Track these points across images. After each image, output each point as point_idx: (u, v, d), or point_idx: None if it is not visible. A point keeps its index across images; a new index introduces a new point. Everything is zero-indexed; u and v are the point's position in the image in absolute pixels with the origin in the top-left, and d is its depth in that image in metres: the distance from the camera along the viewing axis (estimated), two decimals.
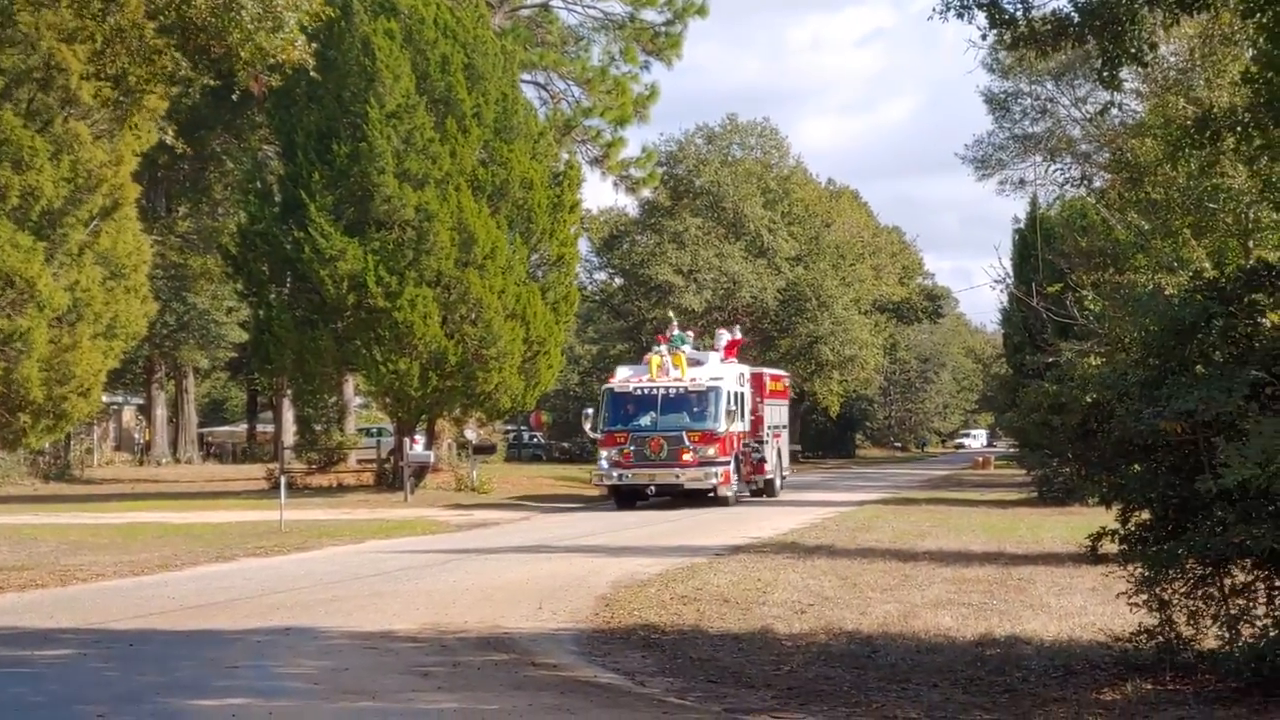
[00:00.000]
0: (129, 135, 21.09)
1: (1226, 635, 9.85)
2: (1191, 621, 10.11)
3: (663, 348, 34.65)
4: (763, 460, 36.69)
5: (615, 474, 32.99)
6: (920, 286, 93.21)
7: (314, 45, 31.12)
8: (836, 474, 64.26)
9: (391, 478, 38.85)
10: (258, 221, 36.16)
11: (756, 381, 37.45)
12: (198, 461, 62.76)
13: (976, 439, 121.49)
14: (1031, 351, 35.07)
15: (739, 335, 38.63)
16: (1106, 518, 11.21)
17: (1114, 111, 17.21)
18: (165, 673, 10.87)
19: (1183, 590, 10.10)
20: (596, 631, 13.36)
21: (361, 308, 35.34)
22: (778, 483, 38.31)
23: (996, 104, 49.05)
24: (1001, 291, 41.18)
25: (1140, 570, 10.17)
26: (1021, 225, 41.96)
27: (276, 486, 30.59)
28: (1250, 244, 19.79)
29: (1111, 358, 16.80)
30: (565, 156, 43.52)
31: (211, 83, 22.04)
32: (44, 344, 21.85)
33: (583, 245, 60.28)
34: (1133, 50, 11.59)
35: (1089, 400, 11.38)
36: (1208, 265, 18.08)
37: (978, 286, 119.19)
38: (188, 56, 20.13)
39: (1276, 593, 9.77)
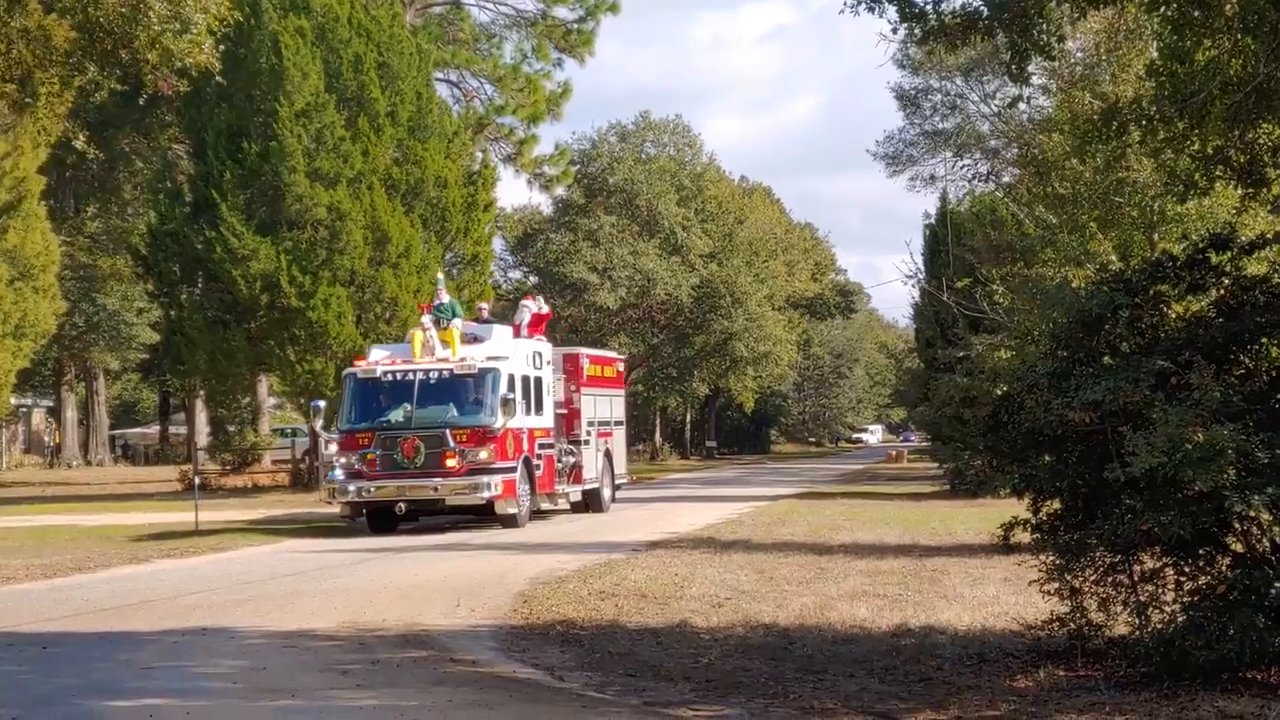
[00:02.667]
0: (32, 129, 20.71)
1: (1136, 621, 10.04)
2: (1102, 608, 10.28)
3: (426, 319, 26.61)
4: (578, 465, 28.66)
5: (353, 487, 24.48)
6: (833, 282, 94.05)
7: (222, 47, 30.82)
8: (751, 469, 64.60)
9: (307, 478, 38.53)
10: (168, 221, 35.71)
11: (570, 365, 29.51)
12: (109, 464, 61.84)
13: (874, 434, 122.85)
14: (943, 346, 35.43)
15: (546, 308, 30.48)
16: (1018, 508, 11.39)
17: (1022, 106, 17.49)
18: (80, 675, 10.74)
19: (1093, 578, 10.27)
20: (515, 628, 13.36)
21: (275, 307, 35.02)
22: (607, 494, 30.42)
23: (907, 100, 49.58)
24: (913, 287, 41.65)
25: (1052, 559, 10.33)
26: (932, 221, 42.45)
27: (190, 488, 30.25)
28: (1155, 237, 20.21)
29: (1021, 350, 17.09)
30: (479, 155, 43.35)
31: (118, 87, 21.70)
32: None
33: (497, 244, 60.14)
34: (1041, 43, 11.79)
35: (999, 392, 11.56)
36: (1114, 258, 18.44)
37: (889, 282, 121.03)
38: (94, 60, 19.84)
39: (1184, 579, 9.99)
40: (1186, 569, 10.01)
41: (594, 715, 9.29)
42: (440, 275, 29.91)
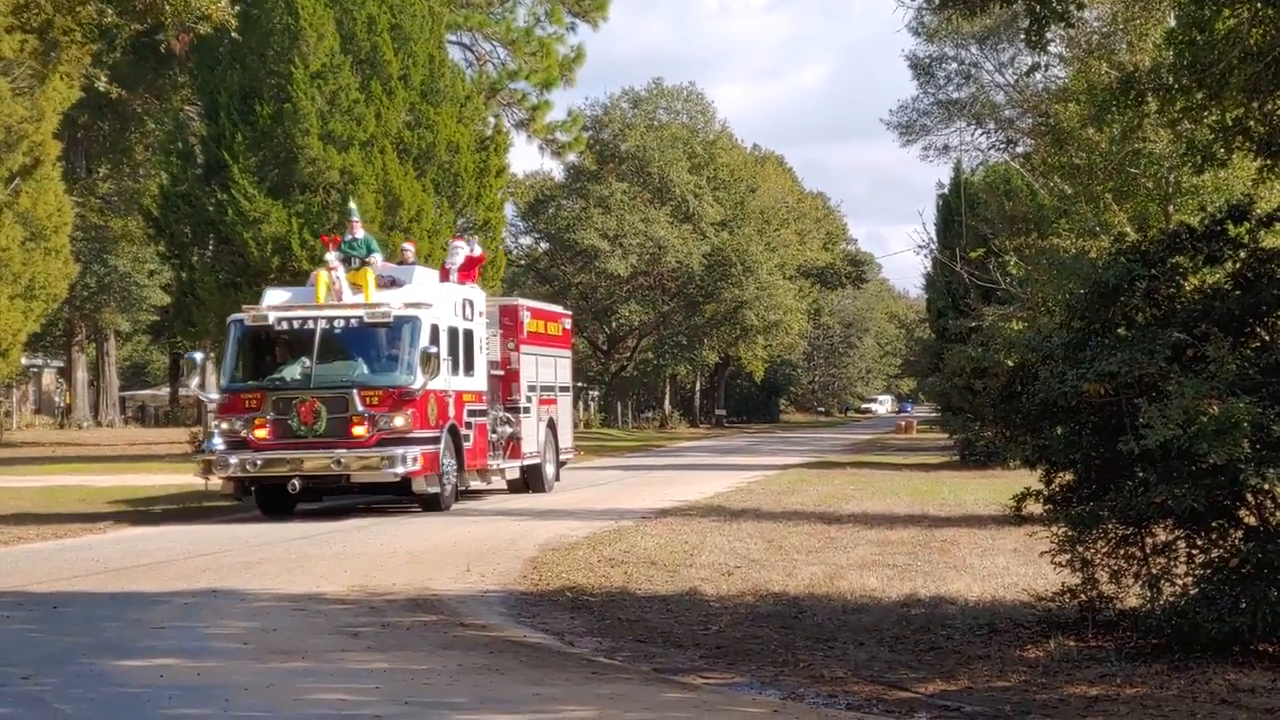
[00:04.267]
0: (52, 91, 20.67)
1: (1148, 594, 10.04)
2: (1114, 580, 10.28)
3: (333, 256, 22.09)
4: (515, 438, 24.53)
5: (235, 459, 20.25)
6: (844, 252, 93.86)
7: (237, 7, 30.67)
8: (760, 438, 64.65)
9: None
10: (180, 183, 35.66)
11: (508, 319, 25.13)
12: (119, 425, 62.00)
13: (883, 404, 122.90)
14: (954, 316, 35.36)
15: (480, 250, 26.42)
16: (1028, 480, 11.37)
17: (1039, 75, 17.38)
18: (91, 634, 10.76)
19: (1105, 550, 10.26)
20: (525, 593, 13.39)
21: (286, 270, 34.95)
22: (549, 471, 26.40)
23: (921, 69, 49.27)
24: (925, 257, 41.59)
25: (1064, 530, 10.33)
26: (945, 191, 42.29)
27: (200, 450, 30.29)
28: (1171, 208, 20.10)
29: (1034, 321, 17.04)
30: (492, 120, 43.19)
31: (137, 27, 21.52)
32: None
33: (509, 210, 60.02)
34: (1060, 10, 11.70)
35: (1013, 363, 11.52)
36: (1129, 229, 18.35)
37: (901, 252, 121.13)
38: (113, 5, 19.79)
39: (1197, 552, 9.97)
40: (1199, 542, 10.00)
41: (604, 681, 9.30)
42: (353, 205, 24.98)
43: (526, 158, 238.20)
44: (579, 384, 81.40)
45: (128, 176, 52.91)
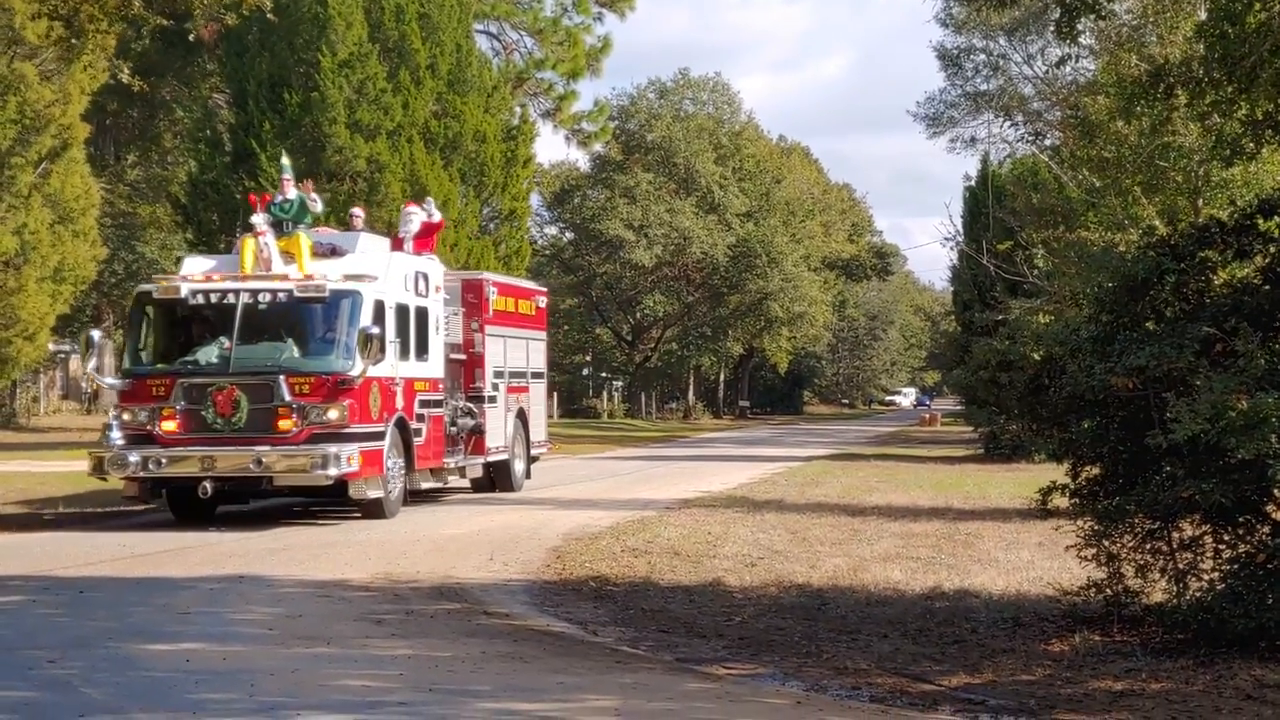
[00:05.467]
0: (79, 74, 20.73)
1: (1174, 589, 10.01)
2: (1140, 575, 10.25)
3: (260, 218, 19.15)
4: (479, 430, 21.51)
5: (136, 457, 17.31)
6: (869, 244, 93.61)
7: None
8: (784, 430, 64.59)
9: None
10: (208, 171, 35.75)
11: (471, 294, 21.97)
12: None
13: (907, 397, 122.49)
14: (981, 309, 35.26)
15: (439, 216, 23.05)
16: (1053, 474, 11.33)
17: (1068, 67, 17.30)
18: (117, 619, 10.82)
19: (1131, 544, 10.23)
20: (548, 582, 13.42)
21: None
22: (519, 468, 23.41)
23: (949, 60, 49.07)
24: (951, 249, 41.47)
25: (1090, 524, 10.30)
26: (973, 183, 42.13)
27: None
28: (1200, 202, 19.99)
29: (1061, 314, 16.98)
30: (519, 110, 43.21)
31: (163, 22, 21.55)
32: None
33: (534, 199, 60.02)
34: (1090, 1, 11.63)
35: (1040, 356, 11.49)
36: (1158, 223, 18.25)
37: (927, 245, 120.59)
38: None
39: (1224, 547, 9.92)
40: (1226, 537, 9.96)
41: (627, 670, 9.31)
42: (285, 160, 21.66)
43: (552, 147, 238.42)
44: (602, 374, 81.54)
45: (156, 164, 53.05)
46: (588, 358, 79.71)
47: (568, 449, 42.77)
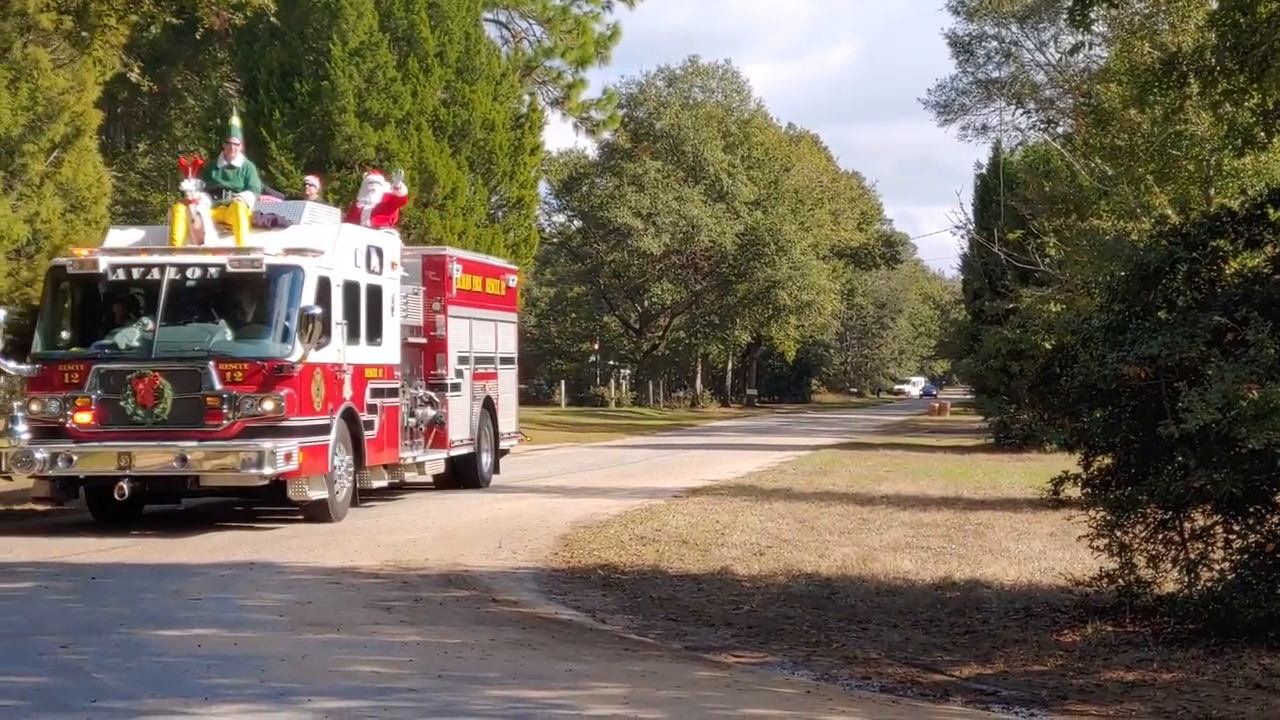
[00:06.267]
0: (90, 66, 20.73)
1: (1186, 579, 10.00)
2: (1151, 565, 10.24)
3: (190, 184, 17.22)
4: (440, 422, 19.69)
5: (43, 453, 15.40)
6: (878, 232, 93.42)
7: None
8: (792, 418, 64.57)
9: None
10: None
11: (432, 271, 20.13)
12: None
13: (916, 386, 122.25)
14: (991, 298, 35.18)
15: (405, 189, 21.24)
16: (1065, 463, 11.32)
17: (1081, 55, 17.22)
18: (128, 605, 10.84)
19: (1143, 534, 10.22)
20: (556, 570, 13.43)
21: None
22: (485, 462, 21.64)
23: (960, 47, 48.94)
24: (962, 237, 41.38)
25: (1101, 514, 10.29)
26: (984, 171, 42.04)
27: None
28: (1211, 191, 19.93)
29: (1073, 303, 16.94)
30: (527, 98, 43.14)
31: (173, 20, 21.52)
32: (2, 277, 21.54)
33: (542, 187, 59.94)
34: None
35: (1051, 345, 11.47)
36: (1170, 212, 18.20)
37: (937, 233, 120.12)
38: None
39: (1234, 537, 9.91)
40: (1237, 527, 9.95)
41: (635, 658, 9.31)
42: (236, 122, 19.75)
43: (561, 135, 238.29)
44: (610, 362, 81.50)
45: (167, 152, 53.03)
46: (595, 346, 79.70)
47: (575, 437, 42.81)
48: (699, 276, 74.38)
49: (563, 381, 76.55)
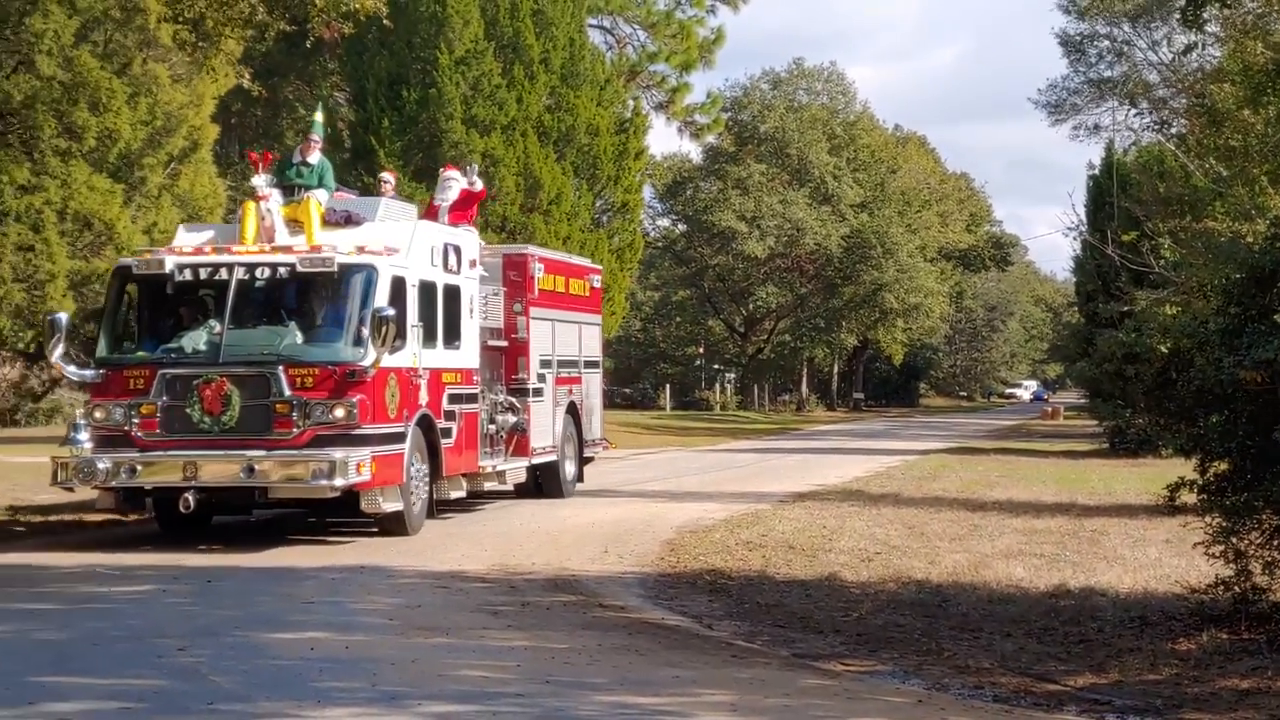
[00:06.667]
0: (206, 79, 21.18)
1: None
2: (1267, 572, 10.02)
3: (261, 180, 16.41)
4: (522, 429, 18.95)
5: (105, 463, 14.67)
6: (988, 234, 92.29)
7: None
8: (900, 423, 64.02)
9: None
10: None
11: (513, 271, 19.31)
12: None
13: (1027, 389, 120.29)
14: (1105, 300, 34.60)
15: (481, 185, 19.93)
16: (1181, 469, 11.10)
17: (1194, 54, 16.89)
18: (243, 607, 11.04)
19: (1259, 541, 10.01)
20: (662, 575, 13.43)
21: None
22: (569, 471, 20.85)
23: (1072, 46, 48.24)
24: (1074, 239, 40.75)
25: (1217, 521, 10.09)
26: (1096, 172, 41.37)
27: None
28: None
29: (1189, 306, 16.61)
30: (631, 103, 43.30)
31: (286, 28, 21.97)
32: None
33: (646, 192, 60.07)
34: None
35: (1167, 349, 11.25)
36: None
37: (1047, 234, 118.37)
38: (264, 2, 20.24)
39: None
40: None
41: (743, 665, 9.29)
42: (319, 118, 19.17)
43: (665, 139, 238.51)
44: (715, 366, 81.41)
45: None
46: (700, 349, 79.66)
47: (680, 441, 42.80)
48: (804, 279, 74.05)
49: (667, 385, 76.58)
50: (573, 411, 20.90)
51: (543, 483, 20.22)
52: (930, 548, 14.98)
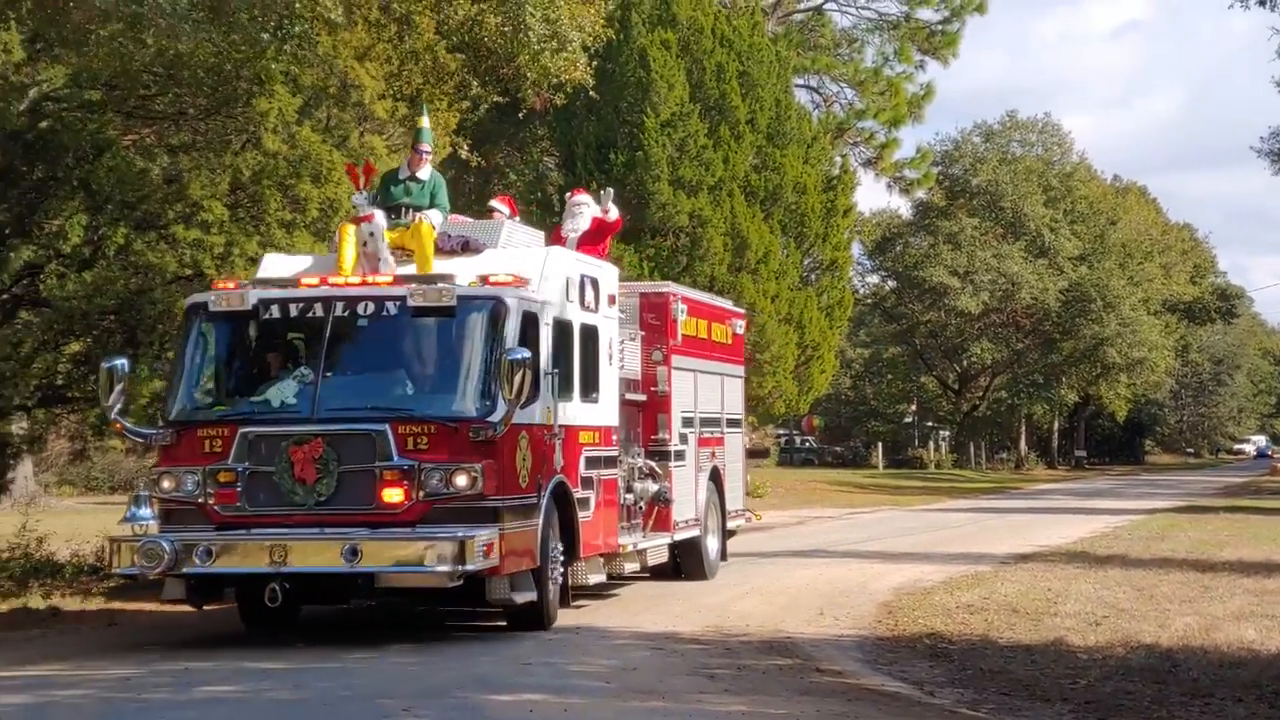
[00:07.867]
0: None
1: None
2: None
3: (362, 199, 13.71)
4: (663, 499, 16.12)
5: (172, 544, 11.92)
6: (1213, 285, 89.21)
7: (594, 63, 31.80)
8: (1124, 481, 62.06)
9: None
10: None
11: (652, 313, 16.50)
12: None
13: (1254, 445, 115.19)
14: None
15: (616, 213, 16.49)
16: None
17: None
18: (464, 667, 11.18)
19: None
20: (881, 639, 13.21)
21: None
22: (712, 547, 17.84)
23: None
24: None
25: None
26: None
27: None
28: None
29: None
30: (838, 160, 43.23)
31: (499, 99, 22.61)
32: None
33: (855, 248, 59.80)
34: None
35: None
36: None
37: (1275, 285, 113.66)
38: (477, 77, 20.78)
39: None
40: None
41: None
42: (424, 123, 15.11)
43: (873, 195, 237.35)
44: (928, 424, 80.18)
45: None
46: (913, 407, 78.56)
47: (894, 500, 42.22)
48: (1020, 335, 72.57)
49: (879, 444, 75.69)
50: (715, 478, 17.90)
51: (681, 561, 17.24)
52: (1159, 610, 14.44)
